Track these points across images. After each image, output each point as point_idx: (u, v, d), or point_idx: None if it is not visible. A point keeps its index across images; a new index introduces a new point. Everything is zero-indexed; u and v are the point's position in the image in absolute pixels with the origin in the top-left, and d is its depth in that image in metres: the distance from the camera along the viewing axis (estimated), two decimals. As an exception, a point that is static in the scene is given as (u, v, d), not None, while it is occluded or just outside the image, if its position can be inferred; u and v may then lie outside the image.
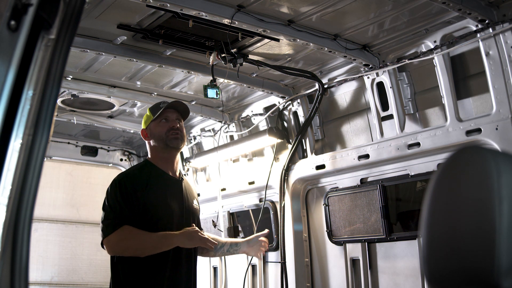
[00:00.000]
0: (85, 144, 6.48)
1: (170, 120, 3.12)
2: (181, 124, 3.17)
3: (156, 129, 3.12)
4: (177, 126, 3.12)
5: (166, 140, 3.08)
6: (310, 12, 3.46)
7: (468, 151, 1.18)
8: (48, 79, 1.15)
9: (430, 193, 1.18)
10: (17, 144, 1.10)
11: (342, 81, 4.38)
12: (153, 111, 3.17)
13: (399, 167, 4.01)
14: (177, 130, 3.10)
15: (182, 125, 3.19)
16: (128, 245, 2.85)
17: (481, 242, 1.07)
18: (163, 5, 3.15)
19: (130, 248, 2.86)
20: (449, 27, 3.54)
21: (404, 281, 3.93)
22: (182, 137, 3.13)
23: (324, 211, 4.58)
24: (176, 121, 3.13)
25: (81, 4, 1.18)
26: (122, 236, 2.82)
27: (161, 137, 3.09)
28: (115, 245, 2.84)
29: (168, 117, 3.13)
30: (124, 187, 2.91)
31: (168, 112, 3.14)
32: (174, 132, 3.09)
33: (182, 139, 3.13)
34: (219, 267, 5.66)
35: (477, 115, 3.48)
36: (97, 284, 6.40)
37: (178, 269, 2.96)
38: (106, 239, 2.84)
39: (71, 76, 4.54)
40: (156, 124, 3.13)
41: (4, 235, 1.07)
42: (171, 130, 3.08)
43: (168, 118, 3.13)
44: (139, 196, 2.90)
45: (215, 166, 5.73)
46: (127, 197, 2.88)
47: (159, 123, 3.12)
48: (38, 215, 6.13)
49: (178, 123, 3.14)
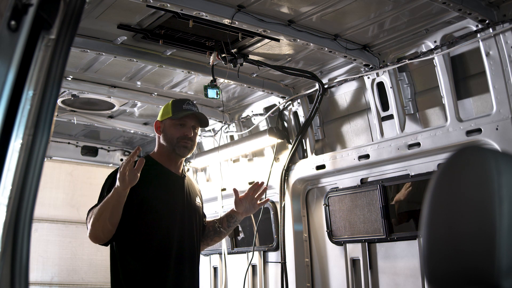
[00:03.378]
0: (85, 144, 6.48)
1: (186, 126, 3.05)
2: (195, 132, 3.10)
3: (170, 129, 3.06)
4: (190, 135, 3.04)
5: (175, 145, 3.03)
6: (310, 12, 3.46)
7: (468, 151, 1.18)
8: (48, 79, 1.15)
9: (430, 193, 1.18)
10: (17, 144, 1.10)
11: (342, 81, 4.38)
12: (174, 108, 3.08)
13: (399, 167, 4.01)
14: (189, 140, 3.04)
15: (196, 133, 3.12)
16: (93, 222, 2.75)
17: (481, 242, 1.06)
18: (163, 5, 3.15)
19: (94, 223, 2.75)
20: (449, 27, 3.54)
21: (404, 281, 3.93)
22: (191, 147, 3.07)
23: (324, 211, 4.58)
24: (191, 128, 3.06)
25: (81, 4, 1.18)
26: (88, 217, 2.80)
27: (172, 141, 3.03)
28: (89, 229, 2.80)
29: (186, 122, 3.05)
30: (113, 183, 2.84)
31: (187, 117, 3.06)
32: (185, 141, 3.03)
33: (190, 149, 3.07)
34: (219, 267, 5.66)
35: (477, 115, 3.48)
36: (97, 284, 6.39)
37: (181, 269, 2.93)
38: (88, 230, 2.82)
39: (71, 76, 4.54)
40: (171, 124, 3.06)
41: (4, 235, 1.07)
42: (184, 138, 3.02)
43: (185, 124, 3.05)
44: (137, 190, 2.79)
45: (215, 166, 5.73)
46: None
47: (175, 125, 3.05)
48: (38, 215, 6.12)
49: (192, 131, 3.07)
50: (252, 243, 4.99)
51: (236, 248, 5.44)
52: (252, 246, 5.02)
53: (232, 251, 5.43)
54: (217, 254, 5.64)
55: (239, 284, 5.12)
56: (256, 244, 5.06)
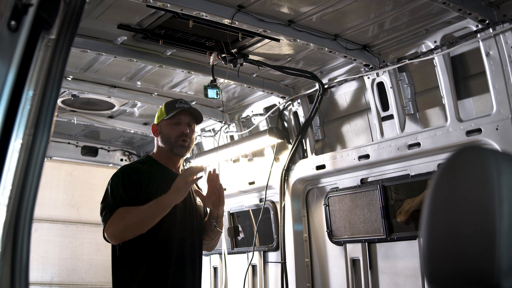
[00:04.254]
0: (86, 144, 6.48)
1: (181, 124, 3.07)
2: (191, 129, 3.12)
3: (166, 130, 3.08)
4: (186, 131, 3.06)
5: (173, 145, 3.05)
6: (310, 12, 3.46)
7: (468, 151, 1.18)
8: (49, 79, 1.15)
9: (430, 193, 1.18)
10: (18, 144, 1.10)
11: (342, 81, 4.38)
12: (168, 109, 3.11)
13: (399, 167, 4.01)
14: (186, 137, 3.06)
15: (193, 129, 3.14)
16: (126, 224, 2.76)
17: (481, 242, 1.06)
18: (163, 5, 3.15)
19: (129, 225, 2.77)
20: (449, 27, 3.54)
21: (404, 281, 3.93)
22: (189, 145, 3.09)
23: (324, 211, 4.58)
24: (186, 125, 3.08)
25: (81, 4, 1.18)
26: (118, 217, 2.76)
27: (169, 140, 3.06)
28: (115, 229, 2.77)
29: (181, 120, 3.08)
30: (128, 177, 2.88)
31: (181, 115, 3.08)
32: (183, 139, 3.04)
33: (188, 148, 3.09)
34: (219, 267, 5.66)
35: (477, 115, 3.48)
36: (98, 284, 6.39)
37: (182, 269, 2.94)
38: (106, 226, 2.78)
39: (71, 76, 4.54)
40: (167, 124, 3.09)
41: (4, 235, 1.07)
42: (181, 136, 3.04)
43: (180, 121, 3.08)
44: (143, 188, 2.87)
45: (215, 166, 5.73)
46: (130, 187, 2.85)
47: (171, 124, 3.07)
48: (38, 215, 6.12)
49: (188, 127, 3.09)
50: (252, 243, 4.99)
51: (236, 248, 5.44)
52: (252, 246, 5.02)
53: (232, 251, 5.43)
54: (217, 254, 5.65)
55: (239, 284, 5.12)
56: (256, 244, 5.06)
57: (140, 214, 2.77)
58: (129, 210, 2.79)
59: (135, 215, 2.78)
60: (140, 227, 2.78)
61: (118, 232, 2.79)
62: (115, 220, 2.77)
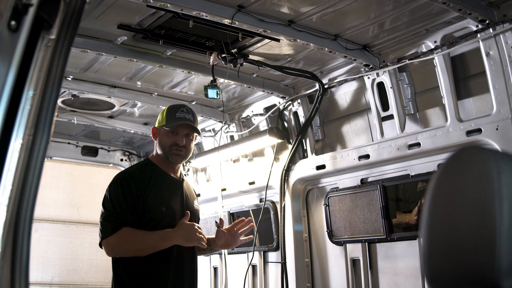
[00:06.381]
0: (86, 144, 6.48)
1: (178, 135, 3.06)
2: (189, 139, 3.10)
3: (163, 137, 3.09)
4: (182, 143, 3.05)
5: (167, 153, 3.06)
6: (310, 12, 3.46)
7: (469, 151, 1.18)
8: (49, 79, 1.15)
9: (430, 193, 1.17)
10: (18, 144, 1.10)
11: (342, 81, 4.38)
12: (168, 117, 3.09)
13: (399, 167, 4.01)
14: (182, 148, 3.05)
15: (191, 139, 3.12)
16: (128, 248, 2.85)
17: (481, 242, 1.06)
18: (163, 5, 3.15)
19: (130, 250, 2.86)
20: (449, 27, 3.54)
21: (404, 282, 3.93)
22: (185, 154, 3.09)
23: (324, 211, 4.58)
24: (183, 137, 3.06)
25: (81, 4, 1.18)
26: (121, 238, 2.81)
27: (164, 148, 3.07)
28: (115, 247, 2.84)
29: (179, 131, 3.07)
30: (127, 187, 2.90)
31: (180, 126, 3.07)
32: (178, 148, 3.05)
33: (184, 156, 3.10)
34: (219, 267, 5.66)
35: (477, 115, 3.48)
36: (98, 284, 6.40)
37: (181, 269, 2.97)
38: (105, 241, 2.84)
39: (71, 76, 4.54)
40: (165, 132, 3.08)
41: (4, 235, 1.07)
42: (175, 146, 3.04)
43: (177, 132, 3.07)
44: (141, 196, 2.90)
45: (215, 166, 5.73)
46: (130, 198, 2.87)
47: (168, 132, 3.07)
48: (38, 215, 6.12)
49: (186, 138, 3.07)
50: (252, 243, 4.99)
51: (236, 248, 5.43)
52: (252, 246, 5.02)
53: (232, 251, 5.43)
54: (217, 254, 5.64)
55: (239, 284, 5.12)
56: (256, 244, 5.06)
57: (143, 242, 2.84)
58: (133, 234, 2.84)
59: (137, 241, 2.84)
60: (140, 253, 2.86)
61: (117, 251, 2.87)
62: (118, 241, 2.82)
